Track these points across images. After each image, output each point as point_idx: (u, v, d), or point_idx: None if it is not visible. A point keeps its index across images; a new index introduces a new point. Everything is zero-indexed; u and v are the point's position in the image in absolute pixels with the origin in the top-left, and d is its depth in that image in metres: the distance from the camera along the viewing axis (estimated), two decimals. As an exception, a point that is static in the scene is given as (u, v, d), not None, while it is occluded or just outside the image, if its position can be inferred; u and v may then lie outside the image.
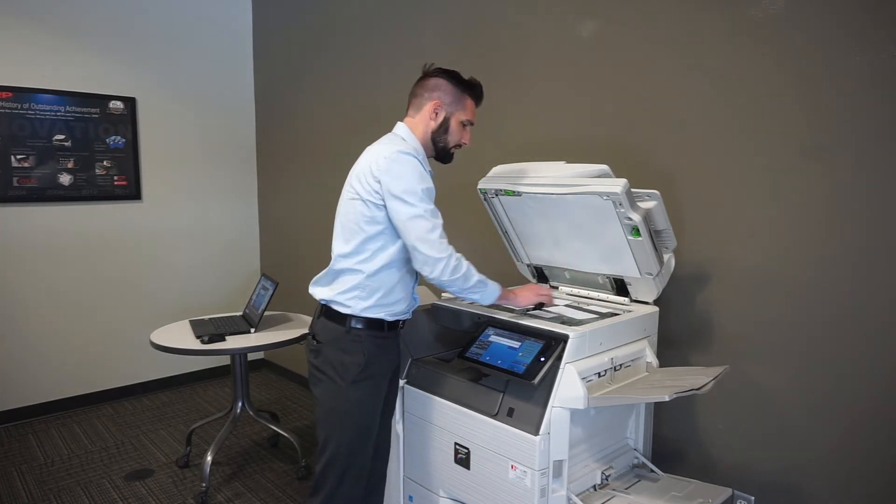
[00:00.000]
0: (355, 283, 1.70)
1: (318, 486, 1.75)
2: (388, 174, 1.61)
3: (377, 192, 1.63)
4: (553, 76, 2.41)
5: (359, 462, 1.74)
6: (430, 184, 1.67)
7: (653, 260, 1.81)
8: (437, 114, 1.74)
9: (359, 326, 1.71)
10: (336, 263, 1.73)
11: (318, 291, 1.77)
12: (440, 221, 1.64)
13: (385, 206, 1.64)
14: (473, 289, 1.69)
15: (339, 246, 1.73)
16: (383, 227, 1.66)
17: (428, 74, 1.78)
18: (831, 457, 1.77)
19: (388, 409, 1.87)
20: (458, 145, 1.81)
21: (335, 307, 1.72)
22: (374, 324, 1.72)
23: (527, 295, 1.86)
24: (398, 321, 1.78)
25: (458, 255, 1.66)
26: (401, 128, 1.77)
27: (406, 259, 1.71)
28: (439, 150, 1.80)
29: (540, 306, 1.96)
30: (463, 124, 1.78)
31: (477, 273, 1.70)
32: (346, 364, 1.70)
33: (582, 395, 1.53)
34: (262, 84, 4.32)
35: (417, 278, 1.81)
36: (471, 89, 1.78)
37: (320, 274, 1.78)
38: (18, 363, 3.52)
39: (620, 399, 1.62)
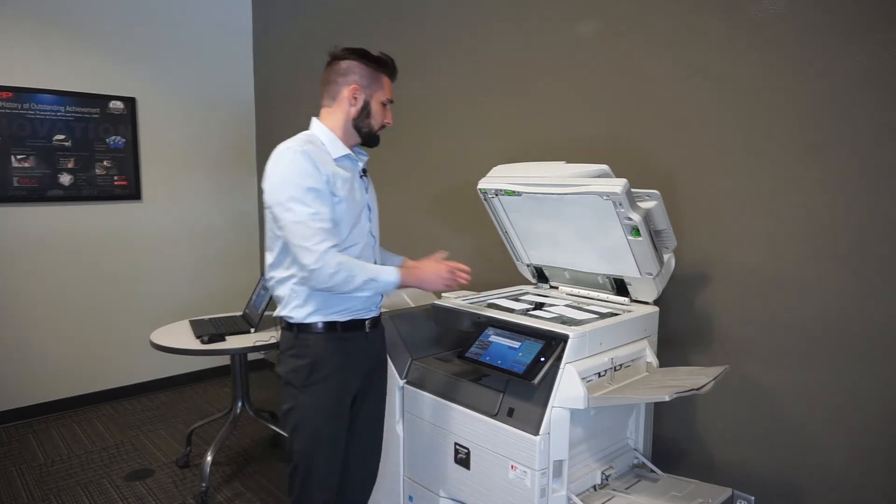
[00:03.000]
0: (289, 291, 1.65)
1: (289, 491, 1.75)
2: (267, 177, 1.57)
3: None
4: (553, 76, 2.41)
5: (319, 469, 1.69)
6: (312, 183, 1.54)
7: (653, 260, 1.81)
8: (356, 98, 1.67)
9: (307, 331, 1.66)
10: (268, 275, 1.68)
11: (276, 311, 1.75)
12: (320, 225, 1.53)
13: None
14: (361, 289, 1.59)
15: (267, 258, 1.68)
16: None
17: (337, 57, 1.70)
18: (831, 456, 1.77)
19: (367, 413, 1.83)
20: (383, 126, 1.74)
21: (286, 318, 1.69)
22: (325, 326, 1.66)
23: (432, 280, 1.69)
24: (360, 320, 1.72)
25: (339, 260, 1.54)
26: (314, 124, 1.70)
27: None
28: (365, 136, 1.71)
29: (540, 306, 1.96)
30: (383, 104, 1.71)
31: (364, 273, 1.57)
32: (297, 369, 1.66)
33: (582, 395, 1.53)
34: (262, 84, 4.32)
35: None
36: (384, 67, 1.70)
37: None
38: (18, 363, 3.52)
39: (620, 399, 1.62)
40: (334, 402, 1.69)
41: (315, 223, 1.53)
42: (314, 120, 1.71)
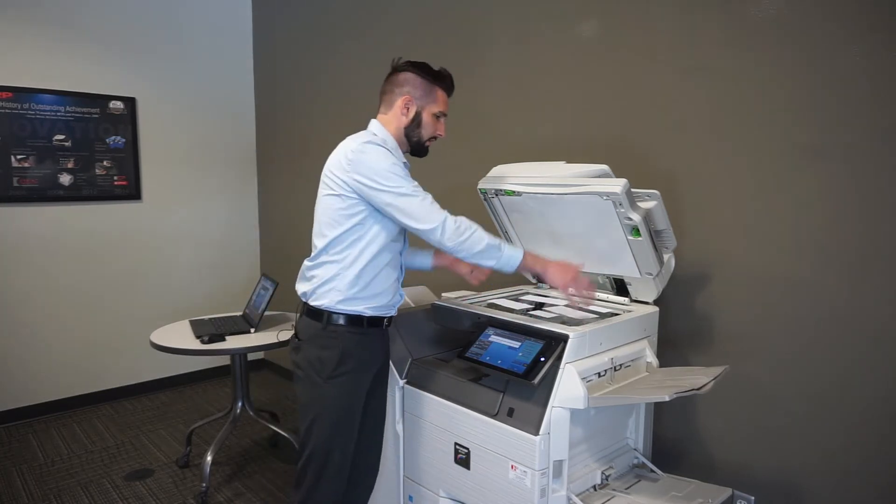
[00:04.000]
0: (332, 274, 1.70)
1: (298, 482, 1.77)
2: (359, 166, 1.62)
3: (348, 185, 1.64)
4: (553, 76, 2.41)
5: (336, 459, 1.74)
6: (401, 163, 1.66)
7: (653, 260, 1.81)
8: (408, 109, 1.74)
9: (336, 322, 1.71)
10: (315, 257, 1.74)
11: (300, 286, 1.79)
12: (424, 193, 1.63)
13: (361, 198, 1.65)
14: (485, 254, 1.64)
15: (317, 241, 1.74)
16: (359, 220, 1.67)
17: (397, 69, 1.76)
18: (831, 456, 1.77)
19: (374, 407, 1.87)
20: (433, 137, 1.80)
21: (313, 302, 1.73)
22: (352, 320, 1.71)
23: (558, 275, 1.67)
24: (381, 317, 1.77)
25: (460, 217, 1.64)
26: (373, 124, 1.77)
27: (385, 252, 1.71)
28: (414, 145, 1.78)
29: (540, 306, 1.96)
30: (436, 116, 1.77)
31: (489, 237, 1.64)
32: (323, 360, 1.70)
33: (582, 395, 1.53)
34: (262, 84, 4.32)
35: (402, 273, 1.82)
36: (441, 80, 1.76)
37: (301, 269, 1.80)
38: (19, 363, 3.52)
39: (620, 399, 1.62)
40: (355, 396, 1.75)
41: (418, 191, 1.63)
42: (374, 122, 1.77)
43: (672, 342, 2.07)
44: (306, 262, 1.77)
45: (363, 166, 1.62)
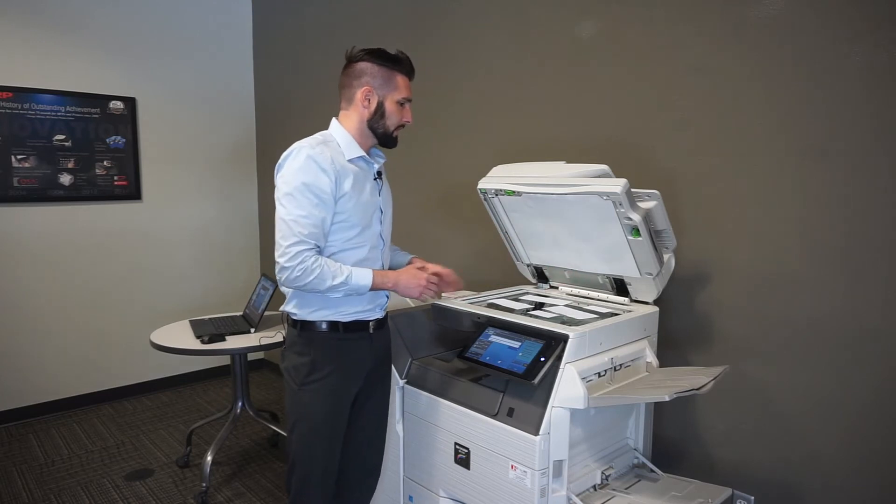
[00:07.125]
0: (293, 289, 1.67)
1: (287, 488, 1.76)
2: (277, 171, 1.61)
3: None
4: (553, 76, 2.41)
5: (318, 466, 1.70)
6: (313, 185, 1.54)
7: (653, 260, 1.81)
8: (368, 100, 1.67)
9: (311, 329, 1.68)
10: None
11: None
12: (303, 228, 1.53)
13: None
14: (331, 291, 1.59)
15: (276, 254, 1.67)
16: None
17: (352, 60, 1.68)
18: (831, 456, 1.77)
19: (372, 409, 1.85)
20: (401, 125, 1.73)
21: (292, 315, 1.72)
22: (330, 325, 1.68)
23: (408, 286, 1.68)
24: (364, 321, 1.72)
25: (307, 264, 1.53)
26: (332, 124, 1.72)
27: (346, 255, 1.65)
28: (380, 137, 1.71)
29: (540, 306, 1.96)
30: (400, 103, 1.69)
31: (334, 277, 1.56)
32: (298, 367, 1.68)
33: (582, 395, 1.53)
34: (262, 84, 4.32)
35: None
36: (399, 65, 1.68)
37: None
38: (19, 363, 3.53)
39: (620, 399, 1.62)
40: (331, 403, 1.70)
41: (298, 225, 1.54)
42: (333, 120, 1.73)
43: (672, 342, 2.07)
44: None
45: (278, 173, 1.60)
